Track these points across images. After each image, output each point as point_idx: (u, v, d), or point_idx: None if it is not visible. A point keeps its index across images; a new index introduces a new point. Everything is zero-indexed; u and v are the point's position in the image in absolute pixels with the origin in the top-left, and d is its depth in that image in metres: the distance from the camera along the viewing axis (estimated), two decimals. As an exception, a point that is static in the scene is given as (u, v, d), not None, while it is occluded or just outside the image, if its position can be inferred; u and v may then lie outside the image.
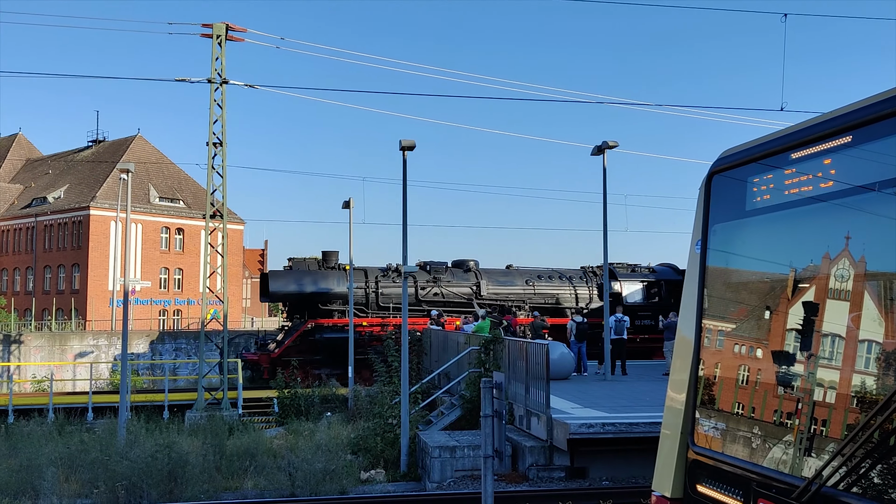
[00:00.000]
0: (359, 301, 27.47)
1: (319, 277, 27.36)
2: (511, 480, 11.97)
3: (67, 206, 62.33)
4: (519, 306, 28.21)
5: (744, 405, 3.89)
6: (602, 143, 18.51)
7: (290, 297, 27.99)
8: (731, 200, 4.28)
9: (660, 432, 4.77)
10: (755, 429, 3.74)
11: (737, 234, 4.22)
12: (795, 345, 3.56)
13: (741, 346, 4.03)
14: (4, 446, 16.58)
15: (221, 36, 23.19)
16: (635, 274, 29.38)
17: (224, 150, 23.54)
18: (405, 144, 15.33)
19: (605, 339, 19.07)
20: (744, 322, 4.05)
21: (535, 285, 28.97)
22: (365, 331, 27.10)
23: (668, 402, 4.68)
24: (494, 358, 15.45)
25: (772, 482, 3.46)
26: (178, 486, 12.31)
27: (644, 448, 11.90)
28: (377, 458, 14.78)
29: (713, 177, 4.46)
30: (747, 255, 4.13)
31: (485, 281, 28.51)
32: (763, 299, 3.85)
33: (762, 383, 3.75)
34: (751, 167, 4.09)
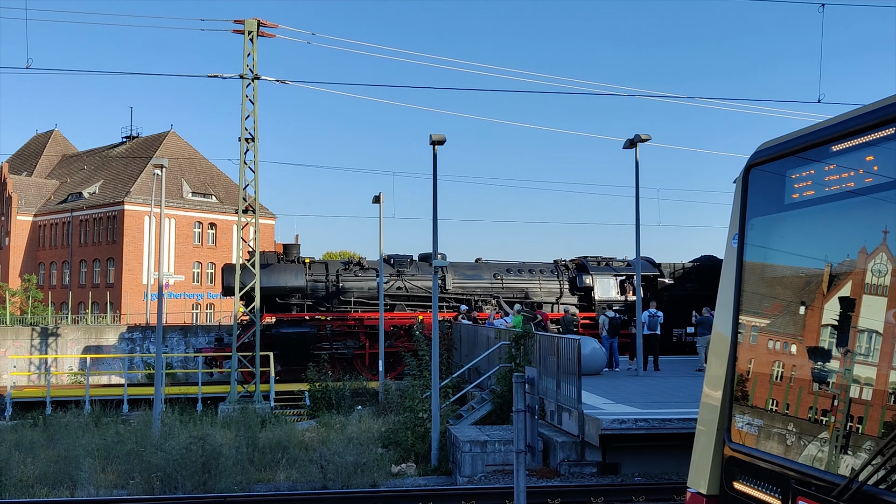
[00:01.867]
0: (318, 295, 27.16)
1: (277, 271, 26.79)
2: (542, 475, 11.94)
3: (102, 201, 63.30)
4: (485, 300, 27.77)
5: (782, 402, 3.84)
6: (634, 137, 18.36)
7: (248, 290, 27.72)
8: (769, 194, 4.22)
9: (694, 428, 4.72)
10: (793, 426, 3.68)
11: (775, 228, 4.16)
12: (834, 341, 3.50)
13: (779, 342, 3.98)
14: (42, 437, 16.89)
15: (253, 32, 23.36)
16: (608, 268, 28.79)
17: (256, 145, 23.73)
18: (435, 139, 15.33)
19: (636, 335, 18.95)
20: (782, 318, 3.99)
21: (504, 279, 28.40)
22: (325, 325, 26.74)
23: (704, 399, 4.63)
24: (525, 353, 15.42)
25: (811, 480, 3.41)
26: (211, 477, 12.45)
27: (677, 444, 11.80)
28: (408, 451, 14.83)
29: (750, 170, 4.40)
30: (786, 250, 4.07)
31: (451, 274, 27.98)
32: (802, 295, 3.79)
33: (800, 380, 3.69)
34: (789, 160, 4.03)
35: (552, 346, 13.66)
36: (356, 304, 27.38)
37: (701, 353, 19.58)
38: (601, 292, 28.18)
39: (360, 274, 27.73)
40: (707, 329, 19.37)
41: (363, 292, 27.42)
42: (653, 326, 19.61)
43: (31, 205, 68.55)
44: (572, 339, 12.74)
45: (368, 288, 27.36)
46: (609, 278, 28.29)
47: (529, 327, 16.63)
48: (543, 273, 28.79)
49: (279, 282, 26.56)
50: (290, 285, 26.74)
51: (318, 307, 27.10)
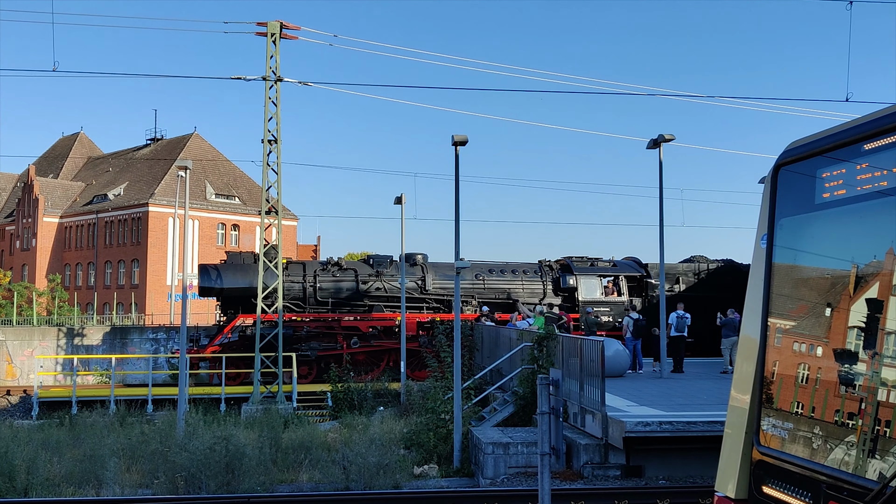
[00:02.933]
0: (296, 295, 26.91)
1: (252, 272, 26.44)
2: (566, 478, 11.87)
3: (127, 202, 63.95)
4: (467, 301, 27.45)
5: (813, 405, 3.77)
6: (658, 137, 18.22)
7: (221, 291, 27.26)
8: (799, 194, 4.16)
9: (719, 431, 4.67)
10: (825, 429, 3.62)
11: (805, 228, 4.10)
12: (862, 343, 3.44)
13: (808, 344, 3.91)
14: (69, 437, 17.06)
15: (276, 34, 23.48)
16: (593, 268, 28.39)
17: (279, 147, 23.85)
18: (457, 139, 15.31)
19: (661, 337, 18.82)
20: (812, 320, 3.92)
21: (486, 279, 28.05)
22: (303, 326, 26.48)
23: (732, 402, 4.57)
24: (548, 354, 15.35)
25: (843, 484, 3.35)
26: (235, 477, 12.50)
27: (702, 447, 11.70)
28: (430, 453, 14.82)
29: (779, 170, 4.33)
30: (816, 251, 4.00)
31: (431, 275, 27.70)
32: (833, 296, 3.73)
33: (831, 383, 3.63)
34: (819, 159, 3.97)
35: (575, 348, 13.59)
36: (334, 304, 27.08)
37: (726, 354, 19.41)
38: (585, 293, 27.79)
39: (339, 274, 27.35)
40: (732, 331, 19.19)
41: (342, 293, 27.11)
42: (680, 328, 19.47)
43: (57, 206, 69.40)
44: (596, 341, 12.67)
45: (346, 288, 27.05)
46: (593, 279, 27.92)
47: (552, 329, 16.55)
48: (527, 273, 28.45)
49: (254, 282, 25.98)
50: (266, 285, 26.02)
51: (296, 308, 26.81)
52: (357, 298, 27.04)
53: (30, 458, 13.17)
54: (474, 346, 23.22)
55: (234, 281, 26.49)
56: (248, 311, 26.41)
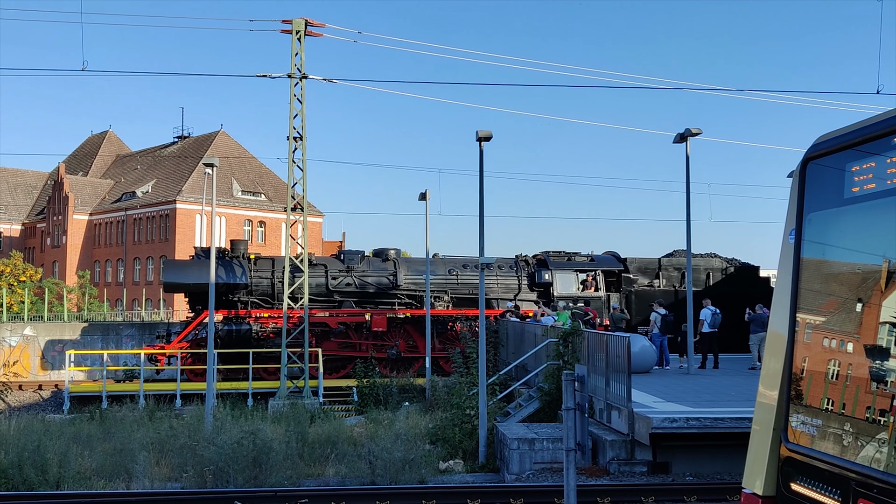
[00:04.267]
0: (264, 291, 26.71)
1: (222, 268, 26.29)
2: (591, 474, 11.84)
3: (155, 200, 64.66)
4: (438, 296, 27.24)
5: (842, 402, 3.73)
6: (685, 131, 18.06)
7: (188, 287, 27.01)
8: (828, 188, 4.12)
9: (747, 428, 4.64)
10: (855, 426, 3.59)
11: (834, 223, 4.05)
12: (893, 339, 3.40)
13: (837, 340, 3.87)
14: (99, 431, 17.30)
15: (301, 32, 23.59)
16: (569, 263, 28.02)
17: (304, 144, 23.97)
18: (482, 135, 15.29)
19: (688, 333, 18.69)
20: (841, 315, 3.88)
21: (459, 274, 27.70)
22: (269, 322, 26.20)
23: (760, 398, 4.53)
24: (573, 350, 15.31)
25: (873, 482, 3.32)
26: (262, 471, 12.62)
27: (729, 444, 11.60)
28: (455, 448, 14.85)
29: (808, 164, 4.29)
30: (846, 246, 3.96)
31: (403, 270, 27.44)
32: (864, 292, 3.68)
33: (861, 379, 3.59)
34: (849, 153, 3.92)
35: (601, 344, 13.53)
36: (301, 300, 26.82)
37: (754, 350, 19.23)
38: (561, 287, 27.48)
39: (309, 270, 26.79)
40: (760, 326, 19.01)
41: (311, 289, 26.52)
42: (714, 324, 19.33)
43: (86, 204, 70.34)
44: (622, 337, 12.61)
45: (316, 284, 26.64)
46: (569, 273, 27.60)
47: (578, 324, 16.49)
48: (502, 269, 28.08)
49: (220, 278, 25.93)
50: (231, 281, 26.15)
51: (264, 304, 26.62)
52: (326, 295, 26.70)
53: (61, 452, 13.39)
54: (499, 342, 23.21)
55: (201, 277, 25.80)
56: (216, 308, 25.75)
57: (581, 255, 28.63)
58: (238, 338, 25.41)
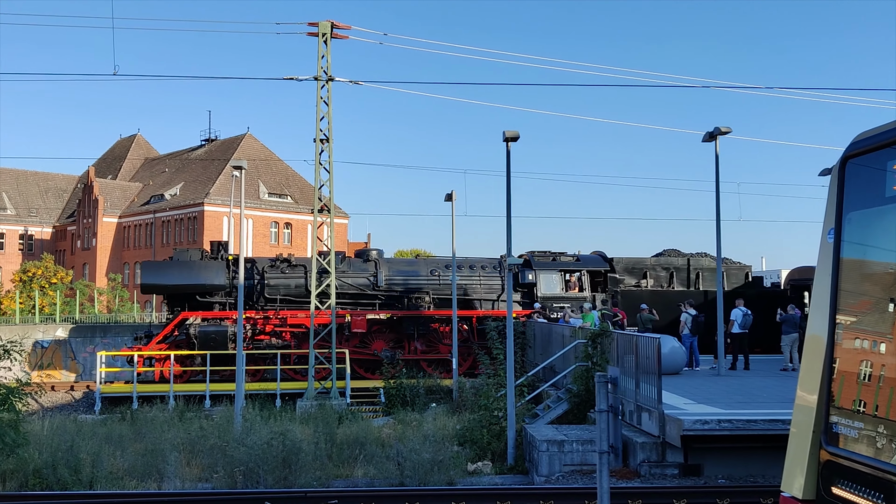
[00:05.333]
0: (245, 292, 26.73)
1: (198, 268, 26.16)
2: (622, 476, 11.75)
3: (183, 202, 65.31)
4: (419, 298, 26.99)
5: (883, 404, 3.67)
6: (714, 130, 17.87)
7: (165, 289, 26.97)
8: (868, 187, 4.05)
9: (781, 430, 4.59)
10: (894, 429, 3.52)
11: (875, 222, 3.98)
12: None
13: (881, 341, 3.80)
14: (130, 431, 17.49)
15: (327, 34, 23.68)
16: (554, 263, 27.69)
17: (330, 146, 24.07)
18: (509, 135, 15.24)
19: (719, 333, 18.51)
20: (883, 316, 3.81)
21: (441, 275, 27.41)
22: (246, 323, 26.07)
23: (798, 401, 4.47)
24: (602, 352, 15.22)
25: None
26: (291, 472, 12.68)
27: (763, 446, 11.48)
28: (483, 450, 14.81)
29: (847, 162, 4.22)
30: (888, 246, 3.89)
31: (384, 271, 27.18)
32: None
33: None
34: (890, 151, 3.85)
35: (630, 345, 13.43)
36: (282, 302, 26.67)
37: (786, 351, 19.01)
38: (545, 288, 27.23)
39: (288, 271, 26.92)
40: (792, 327, 18.79)
41: (290, 290, 26.61)
42: (745, 325, 19.14)
43: (116, 207, 71.22)
44: (652, 338, 12.50)
45: (296, 285, 26.57)
46: (553, 273, 27.30)
47: (606, 325, 16.39)
48: (485, 269, 27.92)
49: (198, 279, 25.92)
50: (210, 283, 26.03)
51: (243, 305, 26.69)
52: (306, 296, 26.38)
53: (94, 452, 13.56)
54: (526, 343, 23.13)
55: (179, 278, 26.10)
56: (193, 309, 26.11)
57: (567, 255, 28.43)
58: (215, 339, 25.23)
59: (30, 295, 44.55)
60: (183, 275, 25.94)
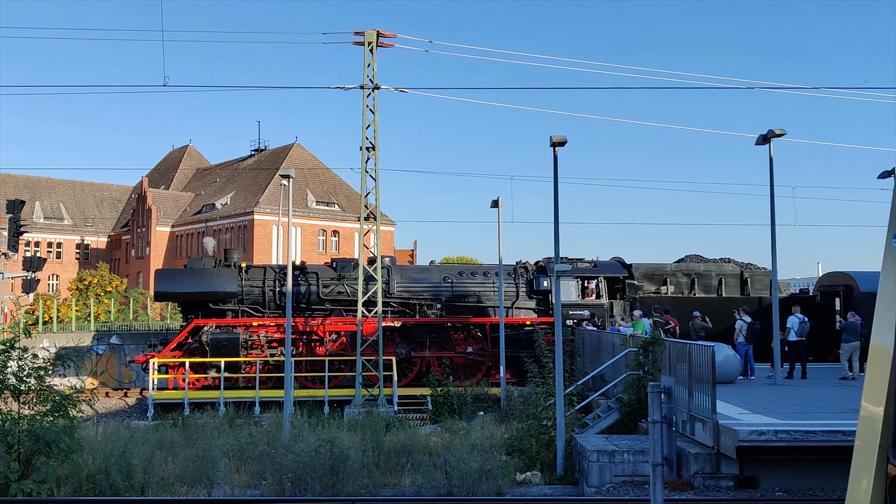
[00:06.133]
0: (255, 300, 26.57)
1: (211, 276, 26.24)
2: (675, 488, 11.46)
3: (233, 211, 66.33)
4: (430, 305, 26.64)
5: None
6: (768, 132, 17.42)
7: (178, 296, 27.25)
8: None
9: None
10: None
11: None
12: None
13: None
14: (181, 437, 17.69)
15: (373, 43, 23.79)
16: (570, 270, 27.19)
17: (376, 154, 24.15)
18: (556, 140, 15.07)
19: (775, 341, 18.03)
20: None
21: (454, 282, 27.10)
22: (259, 331, 26.13)
23: (863, 413, 4.25)
24: (654, 360, 14.91)
25: None
26: (339, 480, 12.65)
27: (822, 458, 11.09)
28: (532, 459, 14.61)
29: (915, 162, 3.99)
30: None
31: (395, 277, 26.89)
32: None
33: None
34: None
35: (683, 353, 13.12)
36: (295, 309, 26.25)
37: (844, 360, 18.42)
38: (562, 295, 26.70)
39: (301, 279, 26.93)
40: (852, 335, 18.21)
41: (302, 297, 26.58)
42: (802, 332, 18.63)
43: (168, 216, 72.68)
44: (705, 346, 12.20)
45: (308, 293, 26.60)
46: (570, 280, 26.64)
47: (658, 333, 16.07)
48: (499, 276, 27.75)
49: (210, 287, 26.04)
50: (222, 290, 26.15)
51: (255, 313, 26.59)
52: (318, 303, 26.57)
53: (146, 458, 13.71)
54: (575, 351, 22.84)
55: (191, 286, 26.31)
56: (207, 316, 26.23)
57: (584, 260, 27.96)
58: (226, 345, 25.48)
59: (86, 303, 45.60)
60: (195, 283, 26.27)
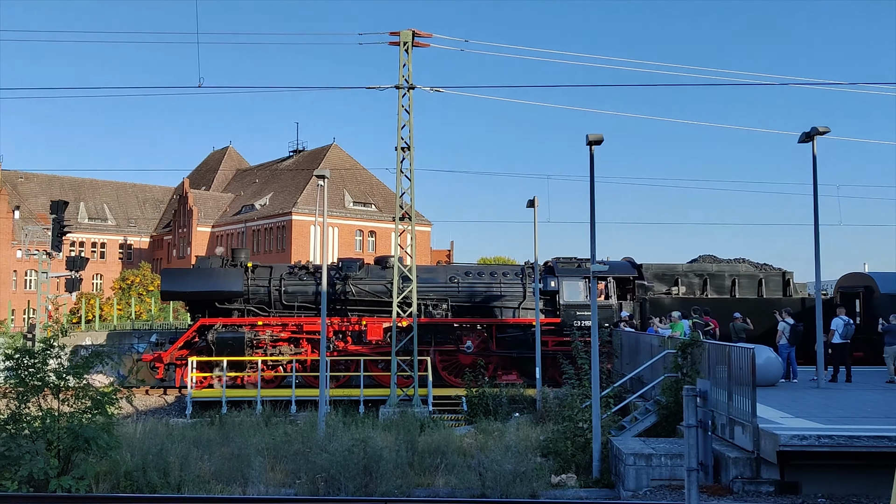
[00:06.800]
0: (261, 299, 26.56)
1: (216, 276, 26.32)
2: (713, 493, 11.21)
3: (272, 212, 66.97)
4: (435, 305, 26.29)
5: None
6: (811, 130, 17.00)
7: (185, 296, 27.44)
8: None
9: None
10: None
11: None
12: None
13: None
14: (218, 435, 17.82)
15: (408, 43, 23.75)
16: (578, 270, 26.43)
17: (412, 154, 24.10)
18: (592, 138, 14.87)
19: (818, 344, 17.59)
20: None
21: (460, 282, 26.76)
22: (265, 330, 26.05)
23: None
24: (692, 362, 14.63)
25: None
26: (372, 480, 12.61)
27: (867, 464, 10.75)
28: (567, 462, 14.42)
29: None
30: None
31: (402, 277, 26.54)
32: None
33: None
34: None
35: (723, 356, 12.84)
36: (299, 308, 26.61)
37: (889, 363, 17.93)
38: (568, 296, 26.21)
39: (306, 278, 26.84)
40: (895, 338, 17.73)
41: (307, 297, 26.48)
42: (847, 335, 18.17)
43: (209, 217, 73.62)
44: (745, 348, 11.91)
45: (313, 292, 26.48)
46: (577, 281, 26.18)
47: (697, 335, 15.76)
48: (506, 276, 27.16)
49: (216, 286, 26.14)
50: (227, 289, 26.26)
51: (261, 312, 26.60)
52: (318, 302, 26.22)
53: (182, 455, 13.82)
54: (612, 352, 22.56)
55: (197, 285, 26.44)
56: (213, 315, 26.38)
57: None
58: (231, 344, 25.64)
59: (128, 302, 46.38)
60: (200, 282, 26.49)
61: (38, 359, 13.16)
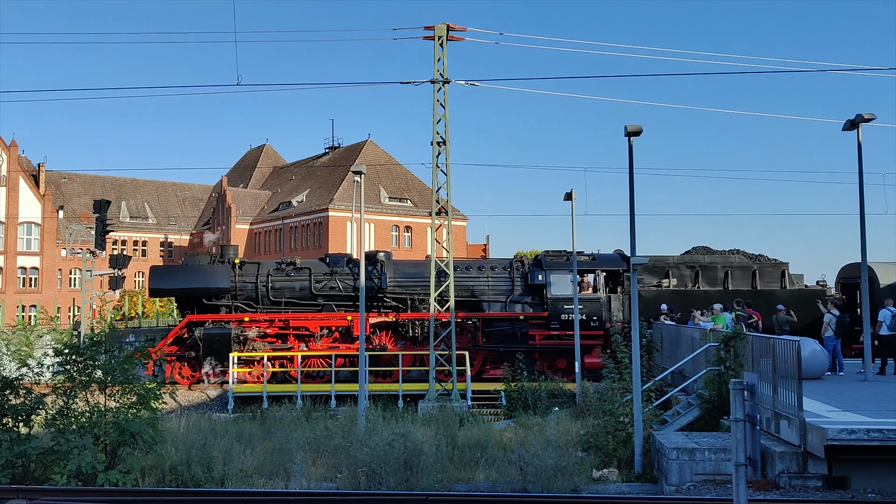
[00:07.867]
0: (249, 295, 26.60)
1: (204, 272, 26.45)
2: (759, 488, 11.03)
3: (309, 208, 67.46)
4: (423, 299, 25.89)
5: None
6: (856, 117, 16.62)
7: (173, 292, 27.63)
8: None
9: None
10: None
11: None
12: None
13: None
14: (260, 430, 18.02)
15: (443, 37, 23.69)
16: (566, 263, 25.83)
17: (447, 148, 24.05)
18: (630, 130, 14.68)
19: (865, 336, 17.21)
20: None
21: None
22: (251, 326, 25.99)
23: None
24: (735, 355, 14.40)
25: None
26: (413, 474, 12.63)
27: (919, 459, 10.50)
28: (609, 456, 14.31)
29: None
30: None
31: (389, 272, 26.53)
32: None
33: None
34: None
35: (767, 348, 12.62)
36: (287, 304, 26.59)
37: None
38: (556, 289, 25.83)
39: (293, 274, 26.85)
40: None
41: (294, 292, 26.54)
42: (894, 327, 17.76)
43: (247, 214, 74.41)
44: (790, 341, 11.69)
45: (300, 288, 26.54)
46: (565, 274, 25.64)
47: (740, 327, 15.51)
48: (495, 270, 26.89)
49: (203, 283, 26.30)
50: (214, 286, 26.35)
51: (248, 308, 26.65)
52: (310, 298, 26.47)
53: (225, 450, 13.99)
54: (653, 346, 22.32)
55: (184, 282, 26.63)
56: (201, 312, 26.54)
57: (584, 254, 27.13)
58: (218, 340, 25.72)
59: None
60: (188, 279, 26.72)
61: (87, 354, 13.42)
